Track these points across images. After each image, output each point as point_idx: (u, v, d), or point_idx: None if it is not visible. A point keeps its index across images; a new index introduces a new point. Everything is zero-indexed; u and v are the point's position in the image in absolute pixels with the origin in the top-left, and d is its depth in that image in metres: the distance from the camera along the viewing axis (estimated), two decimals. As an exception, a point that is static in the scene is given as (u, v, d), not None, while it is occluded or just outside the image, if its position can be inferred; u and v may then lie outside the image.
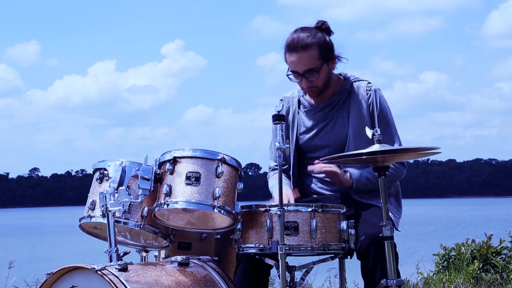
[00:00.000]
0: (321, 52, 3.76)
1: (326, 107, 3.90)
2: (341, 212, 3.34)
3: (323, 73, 3.78)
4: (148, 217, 3.43)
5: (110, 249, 3.33)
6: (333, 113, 3.88)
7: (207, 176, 3.31)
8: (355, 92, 3.86)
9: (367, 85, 3.87)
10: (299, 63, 3.76)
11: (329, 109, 3.89)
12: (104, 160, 3.54)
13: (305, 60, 3.74)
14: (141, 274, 3.19)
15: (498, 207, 60.64)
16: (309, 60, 3.75)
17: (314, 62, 3.75)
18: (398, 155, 3.38)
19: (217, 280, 3.37)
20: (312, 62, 3.75)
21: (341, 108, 3.87)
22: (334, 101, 3.88)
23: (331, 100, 3.88)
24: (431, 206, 74.37)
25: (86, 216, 3.51)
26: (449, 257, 8.45)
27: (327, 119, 3.89)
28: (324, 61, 3.78)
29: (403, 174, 3.88)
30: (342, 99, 3.88)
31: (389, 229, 3.27)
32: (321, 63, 3.76)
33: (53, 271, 3.18)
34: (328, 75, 3.83)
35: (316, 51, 3.75)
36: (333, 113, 3.88)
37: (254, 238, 3.29)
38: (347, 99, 3.87)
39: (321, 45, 3.76)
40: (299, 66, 3.76)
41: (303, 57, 3.74)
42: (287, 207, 3.24)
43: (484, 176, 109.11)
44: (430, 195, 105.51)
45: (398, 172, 3.84)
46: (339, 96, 3.88)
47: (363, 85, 3.87)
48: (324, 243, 3.25)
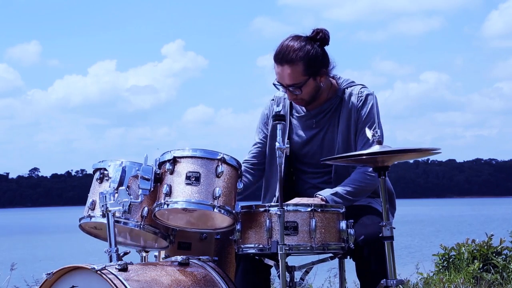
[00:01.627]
0: (307, 67, 3.65)
1: (317, 115, 3.82)
2: (340, 212, 3.34)
3: (309, 88, 3.69)
4: (148, 217, 3.43)
5: (110, 249, 3.33)
6: (324, 121, 3.82)
7: (207, 176, 3.31)
8: (346, 99, 3.76)
9: (359, 90, 3.77)
10: (283, 76, 3.68)
11: (320, 117, 3.82)
12: (104, 160, 3.54)
13: (289, 75, 3.65)
14: (141, 274, 3.19)
15: (498, 207, 60.62)
16: (293, 75, 3.65)
17: (298, 77, 3.66)
18: (399, 155, 3.38)
19: (217, 280, 3.37)
20: (296, 77, 3.65)
21: (333, 116, 3.79)
22: (326, 109, 3.80)
23: (323, 107, 3.81)
24: (431, 206, 74.34)
25: (86, 216, 3.50)
26: (449, 257, 8.45)
27: (318, 127, 3.83)
28: (310, 76, 3.67)
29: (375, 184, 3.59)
30: (334, 106, 3.79)
31: (388, 229, 3.27)
32: (305, 79, 3.66)
33: (53, 271, 3.18)
34: (316, 89, 3.71)
35: (301, 67, 3.64)
36: (324, 121, 3.82)
37: (254, 238, 3.28)
38: (338, 106, 3.78)
39: (308, 60, 3.64)
40: (283, 79, 3.68)
41: (287, 71, 3.65)
42: (287, 207, 3.24)
43: (484, 176, 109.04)
44: (430, 195, 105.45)
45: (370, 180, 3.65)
46: (331, 104, 3.80)
47: (355, 91, 3.77)
48: (323, 243, 3.25)
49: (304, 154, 3.87)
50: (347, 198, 3.59)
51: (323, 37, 3.72)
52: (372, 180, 3.64)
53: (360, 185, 3.64)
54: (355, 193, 3.62)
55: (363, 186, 3.66)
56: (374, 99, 3.75)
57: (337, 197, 3.57)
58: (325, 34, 3.72)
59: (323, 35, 3.71)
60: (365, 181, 3.66)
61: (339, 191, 3.59)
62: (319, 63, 3.69)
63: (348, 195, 3.59)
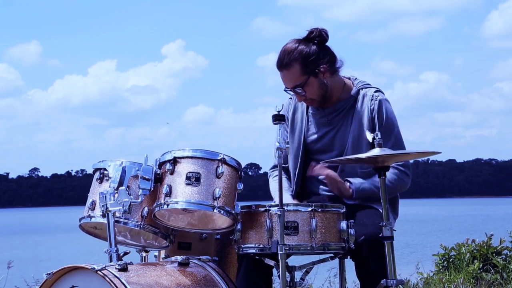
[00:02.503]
0: (304, 67, 3.72)
1: (331, 113, 3.86)
2: (340, 212, 3.34)
3: (312, 86, 3.75)
4: (148, 217, 3.43)
5: (110, 249, 3.33)
6: (337, 120, 3.85)
7: (207, 177, 3.31)
8: (360, 100, 3.81)
9: (373, 93, 3.80)
10: (285, 80, 3.79)
11: (334, 115, 3.86)
12: (104, 160, 3.54)
13: (288, 78, 3.76)
14: (141, 274, 3.19)
15: (498, 207, 60.60)
16: (292, 77, 3.75)
17: (298, 78, 3.74)
18: (399, 155, 3.39)
19: (217, 280, 3.37)
20: (296, 79, 3.74)
21: (346, 115, 3.83)
22: (339, 108, 3.84)
23: (337, 106, 3.84)
24: (431, 206, 74.32)
25: (86, 216, 3.51)
26: (449, 257, 8.45)
27: (331, 125, 3.86)
28: (310, 75, 3.73)
29: (407, 185, 3.78)
30: (348, 106, 3.83)
31: (389, 229, 3.27)
32: (305, 78, 3.73)
33: (53, 271, 3.18)
34: (321, 86, 3.76)
35: (297, 68, 3.72)
36: (337, 120, 3.85)
37: (254, 238, 3.29)
38: (352, 107, 3.82)
39: (303, 59, 3.71)
40: (286, 83, 3.80)
41: (287, 75, 3.76)
42: (287, 207, 3.24)
43: (484, 176, 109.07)
44: (430, 195, 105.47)
45: (401, 182, 3.77)
46: (345, 103, 3.83)
47: (369, 94, 3.81)
48: (324, 243, 3.25)
49: (316, 150, 3.90)
50: (375, 192, 3.63)
51: (318, 34, 3.76)
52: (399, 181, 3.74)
53: (389, 184, 3.65)
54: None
55: (391, 186, 3.69)
56: (387, 103, 3.80)
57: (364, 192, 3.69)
58: (320, 32, 3.76)
59: (317, 33, 3.76)
60: (394, 182, 3.72)
61: (366, 187, 3.70)
62: (315, 60, 3.73)
63: (373, 193, 3.66)
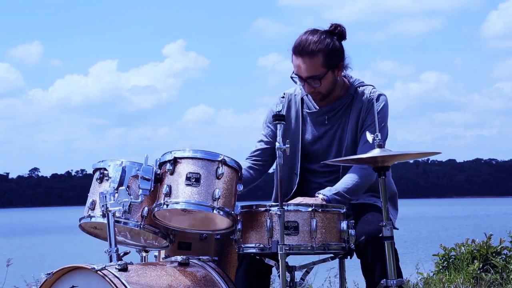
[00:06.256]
0: (327, 59, 3.68)
1: (329, 112, 3.84)
2: (341, 212, 3.34)
3: (327, 81, 3.72)
4: (148, 217, 3.43)
5: (110, 249, 3.33)
6: (336, 119, 3.84)
7: (207, 177, 3.31)
8: (358, 98, 3.80)
9: (371, 90, 3.81)
10: (302, 68, 3.70)
11: (332, 114, 3.84)
12: (104, 160, 3.54)
13: (308, 67, 3.68)
14: (141, 274, 3.19)
15: (498, 207, 60.60)
16: (313, 67, 3.68)
17: (318, 69, 3.68)
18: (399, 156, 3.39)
19: (217, 280, 3.37)
20: (316, 69, 3.68)
21: (344, 114, 3.82)
22: (337, 107, 3.83)
23: (335, 104, 3.82)
24: (431, 206, 74.34)
25: (86, 216, 3.51)
26: (449, 257, 8.44)
27: (329, 123, 3.84)
28: (329, 69, 3.70)
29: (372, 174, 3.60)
30: (346, 104, 3.82)
31: (389, 229, 3.28)
32: (325, 71, 3.69)
33: (53, 271, 3.19)
34: (333, 82, 3.75)
35: (321, 59, 3.67)
36: (336, 119, 3.84)
37: (254, 238, 3.29)
38: (349, 104, 3.81)
39: (328, 52, 3.68)
40: (302, 71, 3.71)
41: (307, 63, 3.68)
42: (287, 206, 3.24)
43: (484, 176, 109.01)
44: (430, 195, 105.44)
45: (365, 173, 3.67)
46: (343, 101, 3.82)
47: (367, 91, 3.80)
48: (324, 243, 3.26)
49: (313, 151, 3.87)
50: (346, 197, 3.60)
51: (341, 31, 3.76)
52: (368, 173, 3.64)
53: (359, 180, 3.65)
54: (355, 189, 3.64)
55: (361, 182, 3.66)
56: (385, 97, 3.80)
57: (339, 196, 3.58)
58: (343, 29, 3.77)
59: (341, 29, 3.76)
60: (362, 176, 3.66)
61: (340, 190, 3.60)
62: (337, 56, 3.73)
63: (348, 193, 3.60)
